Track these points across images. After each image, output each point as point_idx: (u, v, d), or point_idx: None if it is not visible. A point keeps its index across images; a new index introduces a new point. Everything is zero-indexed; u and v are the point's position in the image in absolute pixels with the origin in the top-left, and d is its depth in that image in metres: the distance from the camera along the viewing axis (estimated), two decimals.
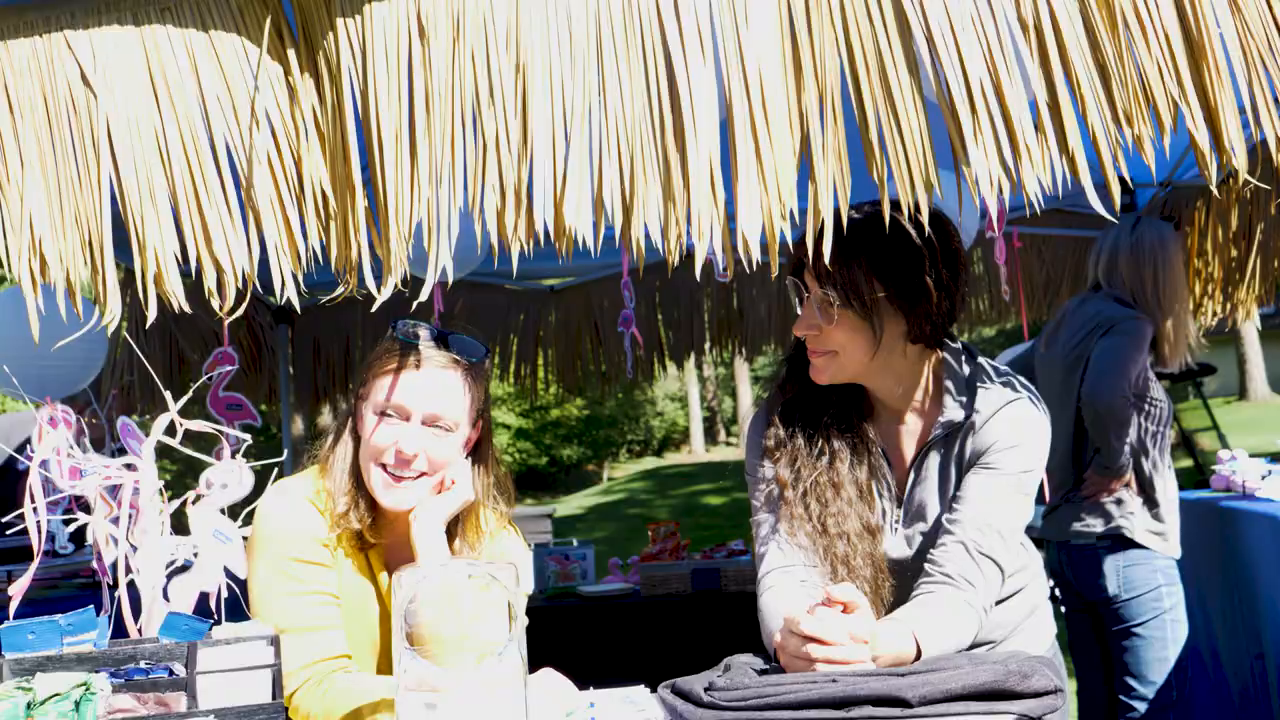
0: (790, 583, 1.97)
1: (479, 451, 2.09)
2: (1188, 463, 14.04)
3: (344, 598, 2.00)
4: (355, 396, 2.07)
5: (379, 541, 2.03)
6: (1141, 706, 3.53)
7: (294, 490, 2.02)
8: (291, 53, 1.82)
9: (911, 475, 2.04)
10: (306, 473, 2.08)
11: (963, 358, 2.04)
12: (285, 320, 5.58)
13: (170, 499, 1.86)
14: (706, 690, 1.43)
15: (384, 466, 1.96)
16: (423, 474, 1.97)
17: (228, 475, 1.88)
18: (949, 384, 2.00)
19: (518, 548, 2.16)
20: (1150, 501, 3.51)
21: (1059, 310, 3.95)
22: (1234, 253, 4.31)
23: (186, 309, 1.80)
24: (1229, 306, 4.48)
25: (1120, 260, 3.58)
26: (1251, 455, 4.30)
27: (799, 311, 2.01)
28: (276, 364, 5.53)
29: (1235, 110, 1.72)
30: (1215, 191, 3.03)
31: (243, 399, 3.69)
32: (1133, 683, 3.54)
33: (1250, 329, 22.11)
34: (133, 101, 1.79)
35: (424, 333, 2.02)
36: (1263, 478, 4.01)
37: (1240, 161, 1.70)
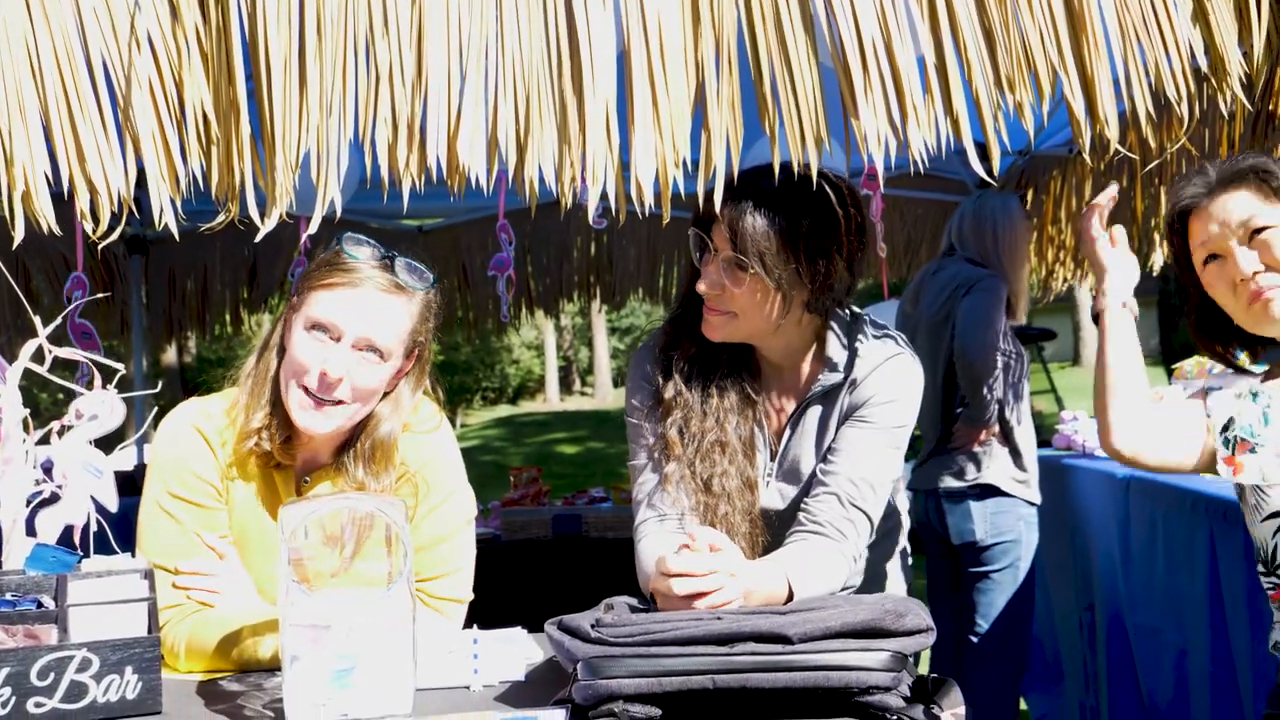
0: (666, 530, 2.00)
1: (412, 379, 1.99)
2: None
3: (242, 528, 1.94)
4: (288, 307, 1.95)
5: (290, 463, 1.95)
6: (986, 648, 3.73)
7: (181, 419, 1.94)
8: None
9: (789, 430, 2.08)
10: (212, 396, 1.99)
11: (847, 319, 2.08)
12: (139, 250, 5.37)
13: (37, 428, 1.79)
14: (594, 627, 1.45)
15: (304, 388, 1.85)
16: (341, 402, 1.86)
17: (98, 405, 1.81)
18: (832, 344, 2.04)
19: (436, 450, 2.03)
20: (1014, 451, 3.72)
21: (918, 273, 4.15)
22: None
23: (57, 231, 1.73)
24: (1079, 273, 4.69)
25: (966, 225, 3.82)
26: (1089, 416, 4.54)
27: (698, 264, 2.00)
28: (129, 295, 5.32)
29: (1110, 81, 1.79)
30: (1089, 159, 3.18)
31: (91, 329, 3.55)
32: (982, 624, 3.73)
33: (1086, 298, 23.07)
34: (3, 10, 1.70)
35: (369, 251, 1.90)
36: None
37: (1112, 130, 1.78)
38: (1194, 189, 1.93)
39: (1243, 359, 2.03)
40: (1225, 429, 1.92)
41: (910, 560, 2.31)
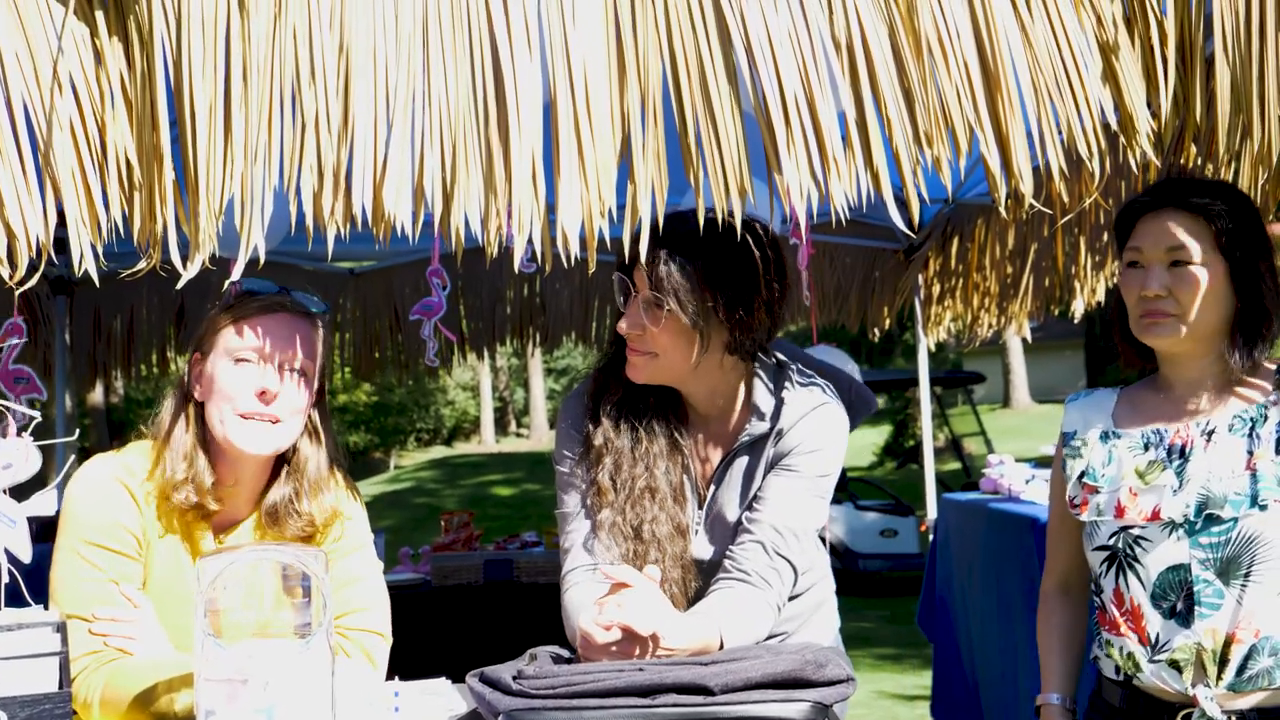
0: (596, 579, 2.00)
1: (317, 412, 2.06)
2: (956, 465, 14.83)
3: (162, 587, 1.92)
4: (194, 360, 1.99)
5: (214, 512, 1.95)
6: None
7: (103, 471, 1.92)
8: (100, 15, 1.74)
9: (715, 480, 2.09)
10: (128, 448, 1.98)
11: (774, 367, 2.10)
12: (63, 291, 5.27)
13: None
14: (515, 679, 1.45)
15: (241, 413, 1.90)
16: (279, 420, 1.92)
17: (12, 454, 1.77)
18: (759, 393, 2.06)
19: (349, 508, 2.10)
20: None
21: None
22: (1009, 270, 4.60)
23: None
24: (1003, 319, 4.78)
25: None
26: (1015, 460, 4.61)
27: (622, 308, 2.02)
28: (52, 336, 5.21)
29: (1024, 137, 1.85)
30: (1003, 212, 3.25)
31: (29, 371, 3.48)
32: None
33: (1015, 342, 23.51)
34: None
35: (269, 285, 2.02)
36: (1026, 481, 4.31)
37: (1027, 185, 1.83)
38: (1150, 198, 1.98)
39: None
40: (1079, 477, 2.00)
41: (835, 607, 2.32)
